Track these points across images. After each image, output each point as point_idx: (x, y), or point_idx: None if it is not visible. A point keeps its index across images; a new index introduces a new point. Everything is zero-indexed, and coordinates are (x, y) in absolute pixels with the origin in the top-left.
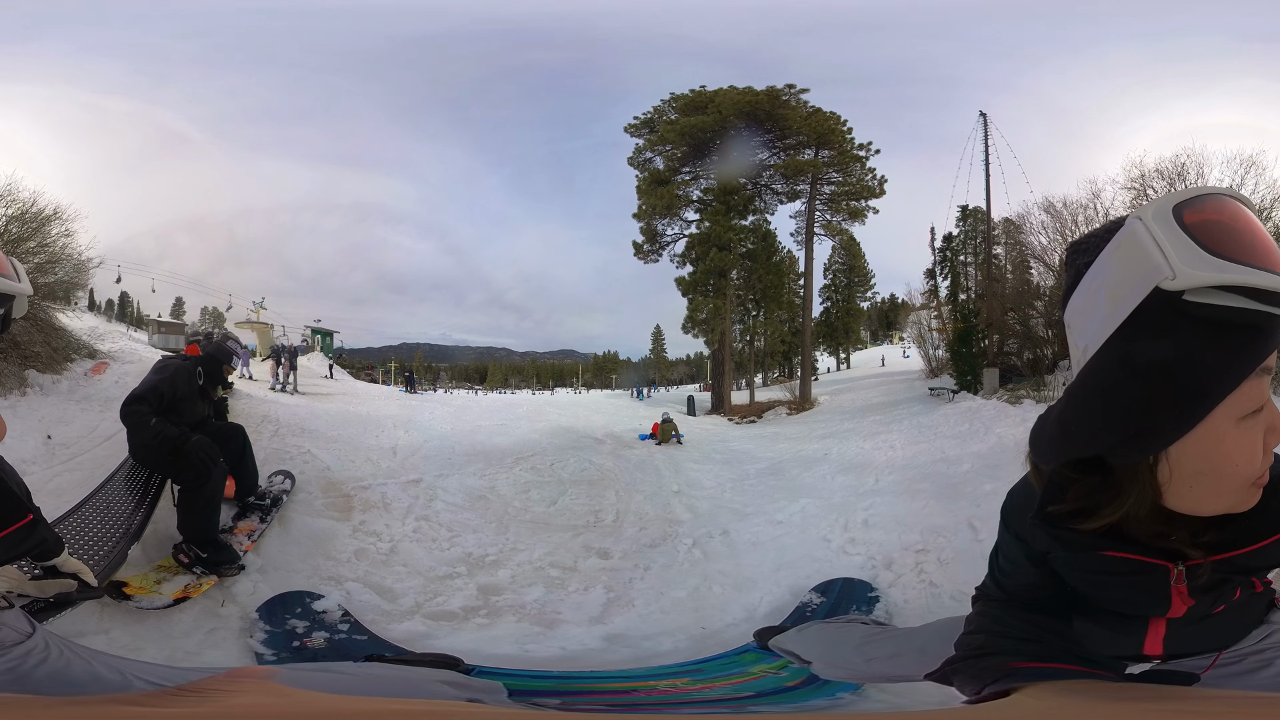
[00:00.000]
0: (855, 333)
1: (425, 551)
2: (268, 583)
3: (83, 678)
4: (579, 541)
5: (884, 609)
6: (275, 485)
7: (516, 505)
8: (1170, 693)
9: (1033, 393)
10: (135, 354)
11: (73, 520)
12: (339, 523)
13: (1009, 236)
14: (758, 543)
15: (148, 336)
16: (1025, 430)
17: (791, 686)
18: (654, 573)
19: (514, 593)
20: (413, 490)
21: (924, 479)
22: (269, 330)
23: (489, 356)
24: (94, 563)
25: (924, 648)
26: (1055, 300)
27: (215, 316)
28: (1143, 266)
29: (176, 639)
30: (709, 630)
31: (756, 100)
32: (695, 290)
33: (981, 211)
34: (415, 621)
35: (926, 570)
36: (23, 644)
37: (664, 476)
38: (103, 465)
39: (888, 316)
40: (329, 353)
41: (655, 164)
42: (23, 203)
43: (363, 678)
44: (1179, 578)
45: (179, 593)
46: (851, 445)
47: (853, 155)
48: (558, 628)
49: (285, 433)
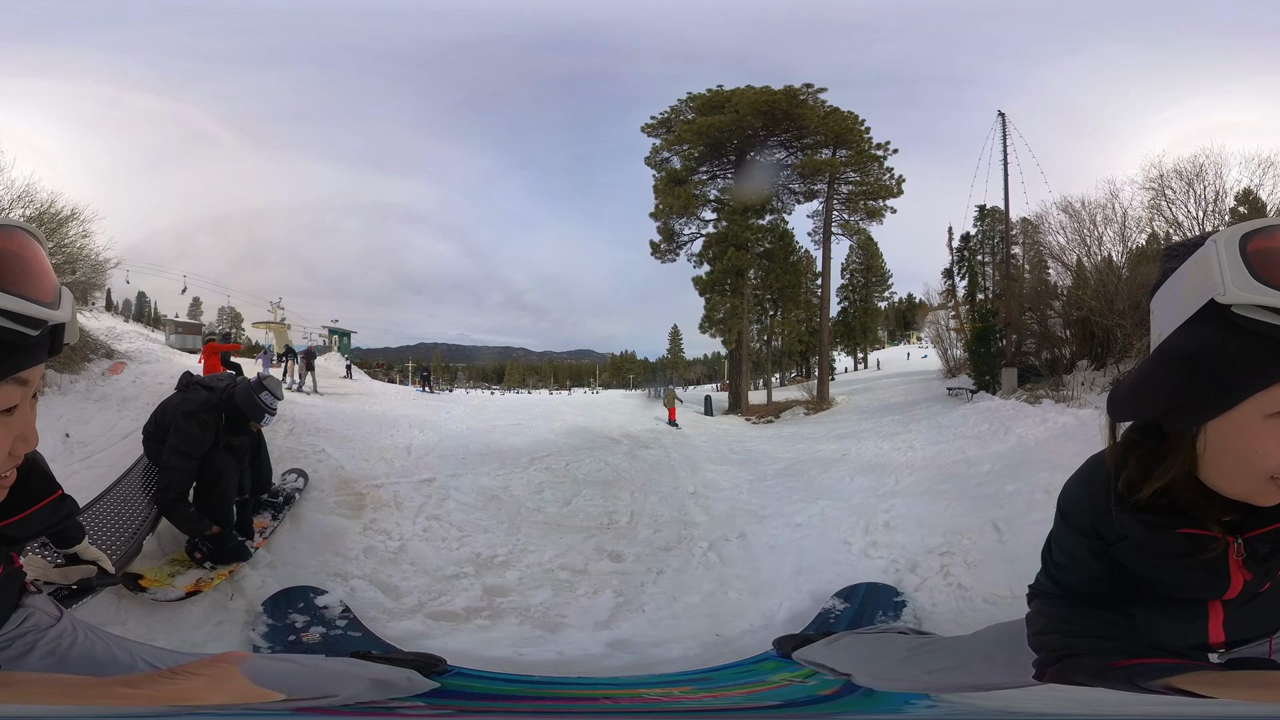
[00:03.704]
0: (873, 332)
1: (434, 551)
2: (276, 578)
3: (104, 659)
4: (591, 543)
5: (911, 614)
6: (288, 483)
7: (529, 506)
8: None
9: (1051, 393)
10: (152, 354)
11: (91, 513)
12: (350, 520)
13: (1027, 236)
14: (776, 546)
15: (165, 337)
16: (1045, 430)
17: (827, 695)
18: (667, 576)
19: (520, 595)
20: (425, 489)
21: (945, 480)
22: (286, 330)
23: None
24: (111, 553)
25: (989, 655)
26: (1073, 300)
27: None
28: (1206, 281)
29: (186, 630)
30: (724, 637)
31: (774, 100)
32: (713, 290)
33: (999, 211)
34: (415, 621)
35: (953, 573)
36: (54, 626)
37: (680, 477)
38: (119, 463)
39: (905, 316)
40: (346, 352)
41: (672, 164)
42: (41, 203)
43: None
44: (1238, 550)
45: (191, 586)
46: (870, 445)
47: (870, 155)
48: (560, 631)
49: (300, 431)
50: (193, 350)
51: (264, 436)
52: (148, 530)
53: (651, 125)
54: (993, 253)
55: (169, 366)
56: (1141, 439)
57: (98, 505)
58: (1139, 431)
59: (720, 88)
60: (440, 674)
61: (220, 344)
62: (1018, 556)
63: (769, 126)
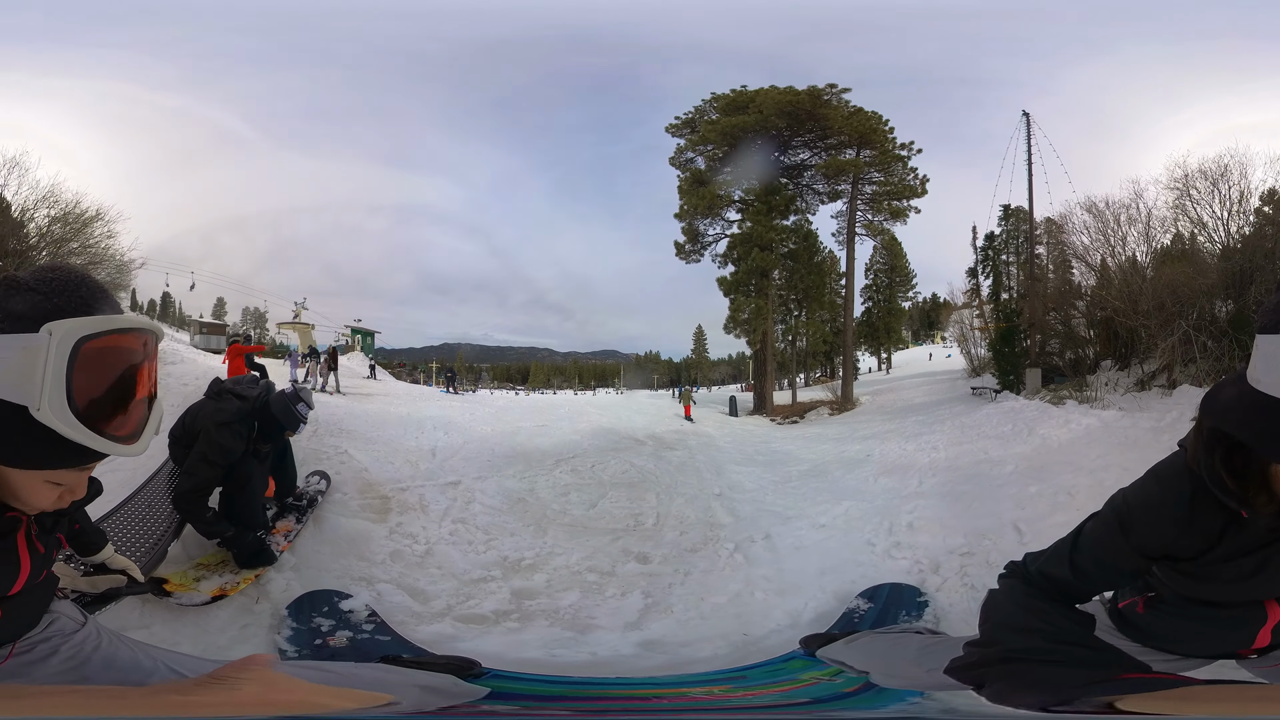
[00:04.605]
0: (896, 332)
1: (461, 554)
2: (300, 581)
3: (126, 664)
4: (618, 545)
5: (933, 614)
6: (311, 486)
7: (555, 508)
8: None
9: (1075, 393)
10: (177, 354)
11: (116, 518)
12: (375, 524)
13: (1051, 236)
14: (801, 547)
15: (189, 337)
16: (1068, 432)
17: (850, 692)
18: (694, 578)
19: (548, 597)
20: (451, 492)
21: (967, 480)
22: (310, 330)
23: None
24: (136, 558)
25: None
26: (1097, 300)
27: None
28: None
29: (211, 634)
30: (751, 637)
31: (798, 100)
32: (737, 290)
33: (1023, 211)
34: (444, 624)
35: (971, 574)
36: (79, 632)
37: (705, 479)
38: (144, 465)
39: (929, 316)
40: (370, 352)
41: (696, 164)
42: (66, 204)
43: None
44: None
45: (216, 590)
46: (893, 446)
47: (894, 155)
48: (590, 633)
49: (323, 433)
50: (217, 350)
51: (290, 442)
52: (173, 536)
53: (676, 125)
54: (1017, 252)
55: (193, 367)
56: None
57: (123, 510)
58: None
59: (744, 88)
60: (476, 676)
61: (244, 345)
62: None
63: (793, 127)
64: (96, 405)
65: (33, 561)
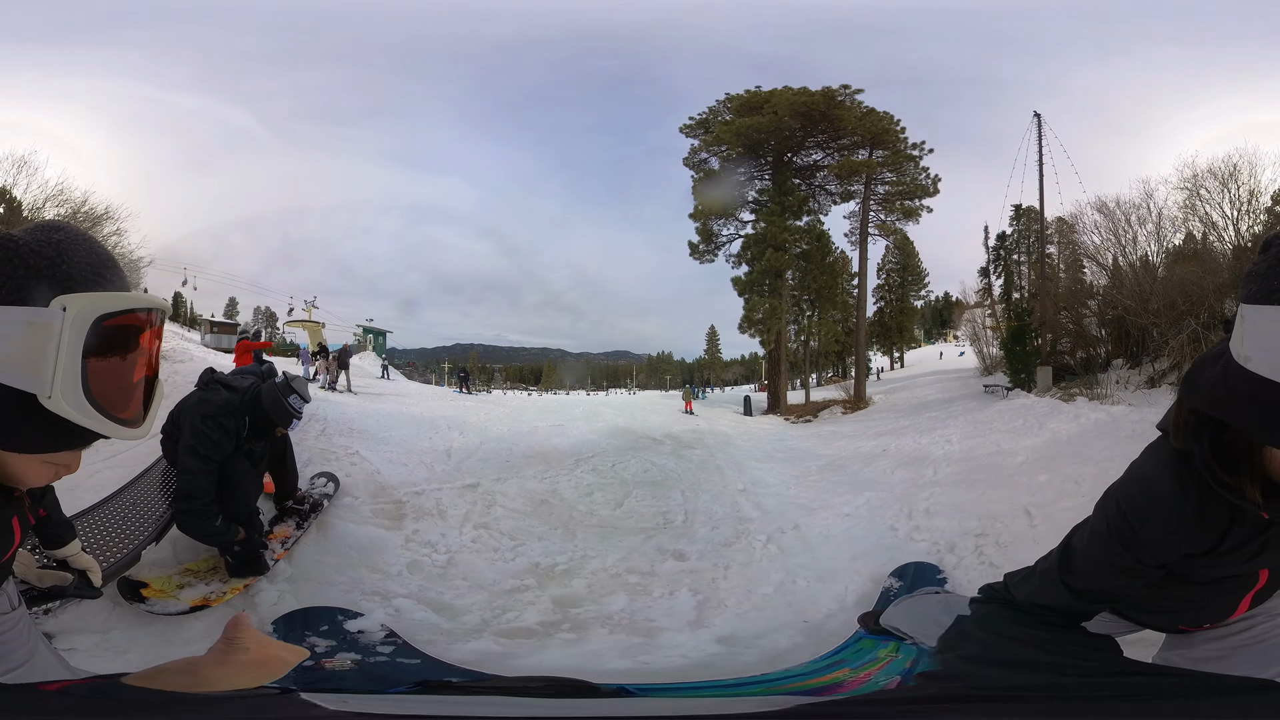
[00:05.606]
0: (909, 331)
1: (487, 563)
2: (296, 595)
3: (23, 659)
4: (652, 544)
5: (951, 588)
6: (317, 488)
7: (581, 509)
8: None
9: (1085, 391)
10: (187, 353)
11: (97, 514)
12: (389, 531)
13: (1062, 235)
14: (830, 535)
15: (200, 336)
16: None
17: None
18: (735, 571)
19: (595, 603)
20: (470, 495)
21: (980, 470)
22: (320, 329)
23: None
24: (106, 559)
25: None
26: (1107, 299)
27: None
28: None
29: (177, 646)
30: (811, 623)
31: (812, 101)
32: (751, 290)
33: (1034, 210)
34: (483, 640)
35: (986, 553)
36: (10, 614)
37: (727, 476)
38: (143, 463)
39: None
40: (382, 352)
41: (711, 164)
42: (74, 202)
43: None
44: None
45: (198, 600)
46: (908, 441)
47: (907, 155)
48: (657, 636)
49: (332, 432)
50: (228, 350)
51: (290, 438)
52: (151, 539)
53: (690, 126)
54: (1028, 252)
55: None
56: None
57: (105, 506)
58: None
59: (758, 89)
60: (595, 695)
61: (252, 342)
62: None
63: (806, 127)
64: (108, 388)
65: (22, 534)
